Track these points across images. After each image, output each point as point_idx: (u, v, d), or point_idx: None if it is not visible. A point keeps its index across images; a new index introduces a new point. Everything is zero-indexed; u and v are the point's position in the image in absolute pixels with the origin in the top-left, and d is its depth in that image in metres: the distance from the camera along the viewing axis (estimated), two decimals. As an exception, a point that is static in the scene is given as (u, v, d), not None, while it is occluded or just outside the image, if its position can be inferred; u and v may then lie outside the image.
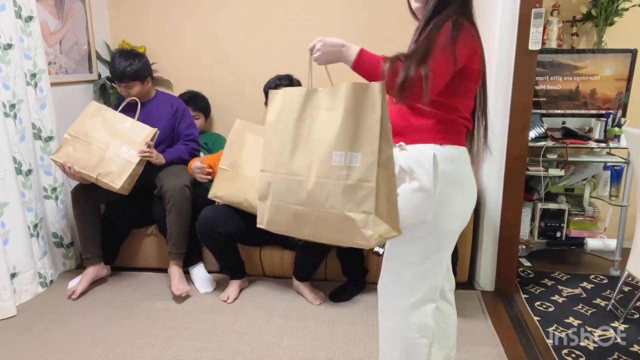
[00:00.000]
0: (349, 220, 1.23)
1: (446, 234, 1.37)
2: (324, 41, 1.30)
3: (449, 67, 1.24)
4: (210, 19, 3.09)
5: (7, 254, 2.30)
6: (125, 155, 2.35)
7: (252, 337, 2.08)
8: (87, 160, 2.33)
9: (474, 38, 1.30)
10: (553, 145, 2.63)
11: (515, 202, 2.41)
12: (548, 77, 2.73)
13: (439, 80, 1.23)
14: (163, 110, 2.63)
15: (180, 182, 2.42)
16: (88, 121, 2.41)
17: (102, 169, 2.32)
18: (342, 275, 2.46)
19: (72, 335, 2.09)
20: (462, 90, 1.34)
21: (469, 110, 1.39)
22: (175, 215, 2.39)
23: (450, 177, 1.33)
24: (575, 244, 2.88)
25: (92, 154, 2.34)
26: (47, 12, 2.65)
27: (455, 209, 1.36)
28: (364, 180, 1.21)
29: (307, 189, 1.29)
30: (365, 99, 1.23)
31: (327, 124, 1.28)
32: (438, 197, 1.31)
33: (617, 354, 1.95)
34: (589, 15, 2.74)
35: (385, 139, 1.24)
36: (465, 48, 1.26)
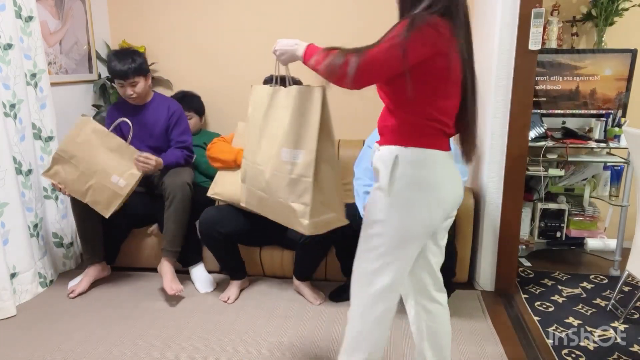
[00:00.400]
0: (292, 209, 1.43)
1: (404, 236, 1.36)
2: (281, 42, 1.40)
3: (392, 62, 1.23)
4: (210, 19, 3.09)
5: (7, 254, 2.30)
6: (113, 187, 2.31)
7: (252, 337, 2.08)
8: (76, 185, 2.30)
9: (440, 36, 1.24)
10: (553, 145, 2.63)
11: (515, 202, 2.41)
12: (548, 77, 2.73)
13: (375, 72, 1.25)
14: (160, 114, 2.58)
15: (181, 179, 2.42)
16: (77, 142, 2.30)
17: (90, 196, 2.31)
18: (342, 275, 2.46)
19: (72, 335, 2.09)
20: (428, 91, 1.29)
21: (446, 112, 1.34)
22: (174, 212, 2.38)
23: (411, 180, 1.32)
24: (575, 244, 2.88)
25: (81, 179, 2.30)
26: (47, 12, 2.65)
27: (416, 213, 1.34)
28: (304, 175, 1.40)
29: (265, 178, 1.51)
30: (309, 101, 1.38)
31: (281, 121, 1.44)
32: (395, 198, 1.33)
33: (617, 354, 1.95)
34: (589, 15, 2.74)
35: (327, 138, 1.41)
36: (422, 46, 1.22)
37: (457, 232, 2.40)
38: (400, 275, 1.41)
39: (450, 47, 1.27)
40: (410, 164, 1.32)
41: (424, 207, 1.34)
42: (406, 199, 1.33)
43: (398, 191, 1.33)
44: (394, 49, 1.22)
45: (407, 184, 1.32)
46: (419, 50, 1.23)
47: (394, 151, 1.34)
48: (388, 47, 1.22)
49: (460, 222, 2.41)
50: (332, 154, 1.44)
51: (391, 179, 1.33)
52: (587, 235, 2.83)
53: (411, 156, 1.33)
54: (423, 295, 1.54)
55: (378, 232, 1.37)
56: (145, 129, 2.54)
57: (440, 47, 1.25)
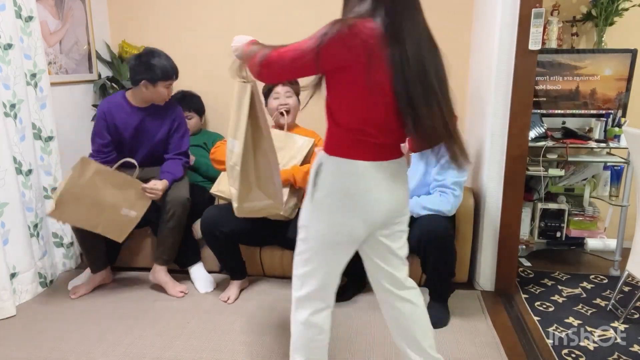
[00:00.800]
0: (233, 193, 1.62)
1: (324, 243, 1.38)
2: (236, 39, 1.45)
3: (302, 63, 1.24)
4: (211, 18, 3.09)
5: (7, 254, 2.30)
6: (124, 218, 2.31)
7: (252, 337, 2.08)
8: (85, 221, 2.26)
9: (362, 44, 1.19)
10: (553, 145, 2.63)
11: (515, 202, 2.41)
12: (548, 77, 2.73)
13: (279, 69, 1.29)
14: (162, 120, 2.47)
15: (183, 195, 2.41)
16: (80, 184, 2.21)
17: (102, 227, 2.28)
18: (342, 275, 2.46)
19: (72, 335, 2.09)
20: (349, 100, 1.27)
21: (371, 123, 1.29)
22: (174, 227, 2.39)
23: (331, 188, 1.33)
24: (575, 244, 2.88)
25: (90, 216, 2.25)
26: (47, 12, 2.65)
27: (335, 221, 1.35)
28: (236, 164, 1.54)
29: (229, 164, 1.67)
30: (243, 96, 1.51)
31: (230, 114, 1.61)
32: (316, 205, 1.36)
33: (617, 354, 1.95)
34: (589, 15, 2.74)
35: (258, 131, 1.57)
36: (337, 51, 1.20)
37: (457, 232, 2.40)
38: (324, 283, 1.44)
39: (372, 56, 1.21)
40: (330, 172, 1.33)
41: (342, 216, 1.34)
42: (326, 206, 1.35)
43: (319, 198, 1.35)
44: (307, 50, 1.22)
45: (328, 192, 1.34)
46: (334, 55, 1.21)
47: (321, 158, 1.36)
48: (300, 48, 1.23)
49: (460, 222, 2.42)
50: (267, 146, 1.60)
51: (314, 186, 1.36)
52: (587, 235, 2.83)
53: (332, 164, 1.33)
54: (389, 296, 1.56)
55: (303, 237, 1.42)
56: (145, 134, 2.47)
57: (358, 55, 1.20)
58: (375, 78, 1.23)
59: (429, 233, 2.07)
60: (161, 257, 2.44)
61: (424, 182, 2.24)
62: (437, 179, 2.20)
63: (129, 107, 2.43)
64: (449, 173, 2.18)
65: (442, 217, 2.15)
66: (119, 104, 2.44)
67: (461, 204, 2.26)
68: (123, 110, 2.42)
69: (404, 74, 1.22)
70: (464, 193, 2.24)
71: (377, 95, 1.25)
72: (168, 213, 2.38)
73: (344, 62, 1.22)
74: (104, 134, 2.42)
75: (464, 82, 2.94)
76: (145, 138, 2.47)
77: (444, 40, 3.09)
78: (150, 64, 2.30)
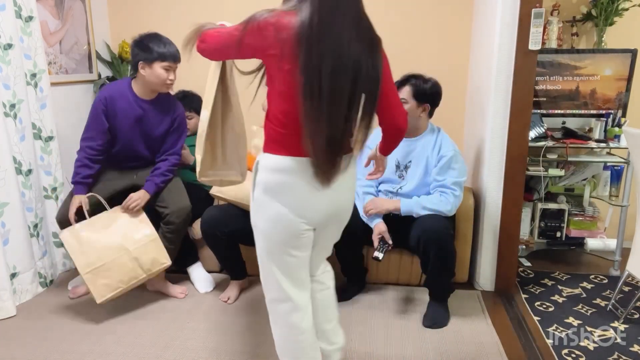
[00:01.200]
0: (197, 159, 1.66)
1: (268, 240, 1.42)
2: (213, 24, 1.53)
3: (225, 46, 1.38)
4: (211, 18, 3.08)
5: (7, 254, 2.30)
6: (145, 239, 2.26)
7: (252, 337, 2.08)
8: (125, 273, 2.20)
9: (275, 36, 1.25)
10: (553, 145, 2.63)
11: (515, 202, 2.41)
12: (548, 77, 2.73)
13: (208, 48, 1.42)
14: (164, 116, 2.39)
15: (184, 207, 2.37)
16: (85, 251, 2.17)
17: (143, 267, 2.23)
18: (342, 275, 2.46)
19: (72, 335, 2.09)
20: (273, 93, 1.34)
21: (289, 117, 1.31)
22: (172, 237, 2.37)
23: (265, 184, 1.38)
24: (575, 244, 2.88)
25: (122, 265, 2.19)
26: (47, 12, 2.65)
27: (271, 217, 1.38)
28: (202, 133, 1.63)
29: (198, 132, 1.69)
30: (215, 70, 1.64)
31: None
32: (255, 203, 1.41)
33: (617, 354, 1.96)
34: (589, 15, 2.74)
35: (227, 105, 1.71)
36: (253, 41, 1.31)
37: (457, 232, 2.40)
38: (281, 285, 1.45)
39: (284, 48, 1.25)
40: (263, 169, 1.38)
41: (280, 213, 1.37)
42: (264, 202, 1.39)
43: (258, 196, 1.40)
44: (230, 36, 1.34)
45: (263, 189, 1.38)
46: (250, 43, 1.31)
47: (259, 156, 1.41)
48: (229, 32, 1.36)
49: (460, 222, 2.42)
50: (234, 120, 1.74)
51: (253, 184, 1.41)
52: (587, 235, 2.83)
53: (265, 162, 1.38)
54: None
55: (255, 237, 1.47)
56: (145, 127, 2.36)
57: (270, 45, 1.27)
58: (287, 70, 1.27)
59: (429, 233, 2.07)
60: None
61: (424, 182, 2.24)
62: (437, 179, 2.20)
63: (133, 97, 2.32)
64: (449, 173, 2.18)
65: (442, 217, 2.15)
66: (122, 91, 2.33)
67: (461, 204, 2.26)
68: (126, 99, 2.31)
69: (310, 73, 1.24)
70: (464, 193, 2.24)
71: (289, 88, 1.28)
72: (168, 224, 2.35)
73: (261, 50, 1.30)
74: (102, 120, 2.29)
75: (464, 82, 2.94)
76: (143, 132, 2.37)
77: (444, 40, 3.09)
78: (146, 45, 2.24)
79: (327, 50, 1.24)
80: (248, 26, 1.30)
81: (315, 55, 1.23)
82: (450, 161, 2.18)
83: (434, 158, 2.22)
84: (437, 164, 2.20)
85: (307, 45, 1.23)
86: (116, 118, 2.31)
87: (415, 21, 2.90)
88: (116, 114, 2.30)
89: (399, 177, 2.31)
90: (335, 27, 1.24)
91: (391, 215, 2.23)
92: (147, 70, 2.25)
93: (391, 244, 2.19)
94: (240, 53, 1.35)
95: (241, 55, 1.38)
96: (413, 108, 2.20)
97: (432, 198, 2.18)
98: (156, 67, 2.24)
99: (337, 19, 1.25)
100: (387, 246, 2.18)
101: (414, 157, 2.27)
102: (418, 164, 2.26)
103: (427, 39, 2.90)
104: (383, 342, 2.04)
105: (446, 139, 2.25)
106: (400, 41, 2.93)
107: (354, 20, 1.28)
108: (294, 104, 1.29)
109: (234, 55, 1.42)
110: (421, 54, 2.89)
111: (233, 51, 1.37)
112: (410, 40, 2.91)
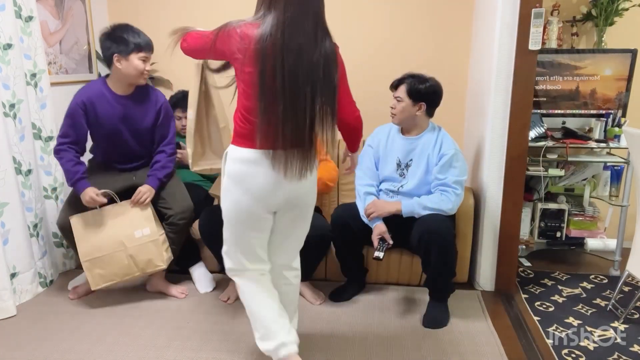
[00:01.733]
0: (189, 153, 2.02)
1: (231, 220, 1.66)
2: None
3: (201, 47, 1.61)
4: (211, 18, 3.08)
5: (7, 254, 2.30)
6: (144, 239, 2.25)
7: (251, 337, 2.07)
8: (120, 268, 2.24)
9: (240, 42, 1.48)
10: (553, 145, 2.63)
11: (515, 202, 2.41)
12: (548, 77, 2.73)
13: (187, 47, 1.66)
14: (147, 107, 2.34)
15: (188, 206, 2.38)
16: (87, 235, 2.24)
17: (138, 265, 2.26)
18: (342, 275, 2.46)
19: (72, 335, 2.09)
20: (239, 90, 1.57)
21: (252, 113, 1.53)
22: (174, 239, 2.38)
23: (229, 173, 1.61)
24: (575, 244, 2.88)
25: (119, 260, 2.24)
26: (47, 12, 2.65)
27: (234, 201, 1.62)
28: (190, 130, 1.98)
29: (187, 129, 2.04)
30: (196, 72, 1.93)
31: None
32: (224, 188, 1.64)
33: (617, 354, 1.96)
34: (589, 15, 2.74)
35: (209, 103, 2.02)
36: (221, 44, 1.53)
37: (457, 232, 2.40)
38: (240, 259, 1.71)
39: (245, 54, 1.48)
40: (229, 159, 1.61)
41: (238, 197, 1.61)
42: (227, 187, 1.63)
43: (224, 183, 1.64)
44: (206, 39, 1.57)
45: (228, 177, 1.61)
46: (219, 48, 1.55)
47: (228, 148, 1.64)
48: (206, 34, 1.59)
49: (460, 222, 2.42)
50: (217, 115, 2.04)
51: (223, 172, 1.65)
52: (587, 235, 2.83)
53: (231, 153, 1.61)
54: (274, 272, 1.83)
55: (223, 219, 1.69)
56: (130, 123, 2.30)
57: (235, 51, 1.50)
58: (248, 72, 1.50)
59: (431, 232, 2.07)
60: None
61: (425, 180, 2.24)
62: (439, 178, 2.20)
63: (112, 96, 2.26)
64: (450, 172, 2.19)
65: (444, 217, 2.15)
66: (100, 93, 2.26)
67: (461, 204, 2.26)
68: (105, 100, 2.25)
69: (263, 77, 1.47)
70: (464, 193, 2.24)
71: (250, 88, 1.51)
72: (172, 225, 2.35)
73: (229, 53, 1.53)
74: (82, 124, 2.24)
75: (464, 82, 2.94)
76: (130, 128, 2.31)
77: (444, 40, 3.10)
78: (120, 36, 2.17)
79: (280, 60, 1.45)
80: (219, 33, 1.53)
81: (269, 64, 1.46)
82: (452, 159, 2.19)
83: (435, 156, 2.22)
84: (438, 162, 2.20)
85: (262, 55, 1.46)
86: (99, 121, 2.26)
87: (415, 21, 2.90)
88: (97, 117, 2.26)
89: (400, 175, 2.31)
90: (291, 42, 1.45)
91: (392, 215, 2.23)
92: (123, 63, 2.19)
93: (391, 243, 2.19)
94: (213, 54, 1.61)
95: (214, 57, 1.65)
96: (408, 106, 2.20)
97: (432, 197, 2.18)
98: (133, 58, 2.18)
99: (294, 34, 1.45)
100: (386, 244, 2.18)
101: (415, 156, 2.27)
102: (419, 163, 2.26)
103: (427, 39, 2.90)
104: (383, 342, 2.03)
105: (447, 137, 2.25)
106: (401, 41, 2.93)
107: (311, 33, 1.48)
108: (254, 102, 1.51)
109: (208, 55, 1.67)
110: (421, 53, 2.89)
111: (207, 52, 1.61)
112: (411, 40, 2.91)
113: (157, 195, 2.37)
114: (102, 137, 2.33)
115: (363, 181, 2.34)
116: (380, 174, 2.37)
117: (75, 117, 2.23)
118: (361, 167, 2.36)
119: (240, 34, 1.48)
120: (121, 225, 2.27)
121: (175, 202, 2.37)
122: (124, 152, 2.38)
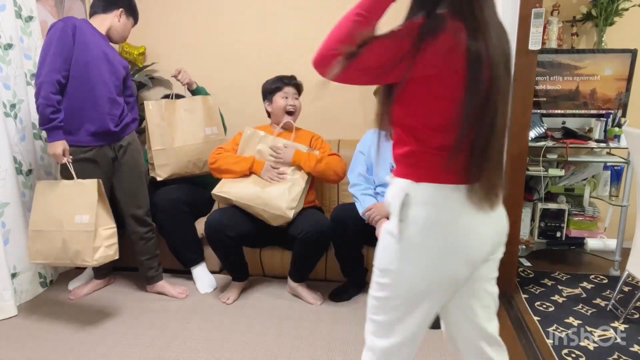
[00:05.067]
0: None
1: (413, 292, 1.11)
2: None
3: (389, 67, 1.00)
4: (211, 18, 3.09)
5: (8, 254, 2.30)
6: (80, 227, 2.02)
7: (251, 337, 2.08)
8: (54, 250, 2.06)
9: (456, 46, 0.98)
10: (553, 145, 2.63)
11: (515, 202, 2.41)
12: (548, 77, 2.73)
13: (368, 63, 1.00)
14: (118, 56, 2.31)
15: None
16: (42, 203, 2.11)
17: (68, 253, 2.04)
18: (342, 275, 2.46)
19: (72, 336, 2.09)
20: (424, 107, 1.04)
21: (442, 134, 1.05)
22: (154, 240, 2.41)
23: (423, 222, 1.06)
24: (575, 244, 2.88)
25: (54, 241, 2.05)
26: (47, 12, 2.65)
27: (431, 264, 1.08)
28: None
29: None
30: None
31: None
32: (406, 246, 1.08)
33: (617, 354, 1.95)
34: (589, 15, 2.74)
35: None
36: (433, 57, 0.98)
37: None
38: (413, 335, 1.16)
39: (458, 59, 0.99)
40: (422, 203, 1.07)
41: (438, 258, 1.08)
42: (416, 245, 1.08)
43: (411, 237, 1.08)
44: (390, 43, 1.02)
45: (421, 228, 1.07)
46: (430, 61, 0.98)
47: (404, 187, 1.09)
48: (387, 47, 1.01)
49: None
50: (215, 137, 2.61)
51: (401, 221, 1.08)
52: (587, 235, 2.83)
53: (423, 193, 1.07)
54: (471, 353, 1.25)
55: (387, 282, 1.14)
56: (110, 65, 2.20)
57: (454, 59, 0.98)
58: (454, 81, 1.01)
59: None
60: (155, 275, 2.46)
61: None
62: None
63: (94, 30, 2.17)
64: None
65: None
66: (86, 24, 2.14)
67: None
68: (91, 31, 2.14)
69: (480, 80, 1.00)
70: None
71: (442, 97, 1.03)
72: (144, 224, 2.38)
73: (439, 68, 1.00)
74: (70, 46, 2.04)
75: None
76: (111, 70, 2.19)
77: (444, 40, 2.99)
78: (132, 1, 2.36)
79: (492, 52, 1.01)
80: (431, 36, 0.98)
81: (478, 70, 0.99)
82: None
83: None
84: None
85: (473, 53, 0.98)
86: (88, 50, 2.08)
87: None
88: (87, 45, 2.08)
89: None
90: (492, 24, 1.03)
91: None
92: (122, 21, 2.30)
93: None
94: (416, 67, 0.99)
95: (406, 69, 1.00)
96: None
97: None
98: (130, 24, 2.36)
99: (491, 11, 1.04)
100: None
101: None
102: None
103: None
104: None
105: None
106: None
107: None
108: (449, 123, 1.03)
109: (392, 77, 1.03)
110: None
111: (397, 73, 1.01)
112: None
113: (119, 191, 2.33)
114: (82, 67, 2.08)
115: (359, 187, 2.33)
116: (375, 180, 2.36)
117: (64, 35, 2.03)
118: (354, 173, 2.36)
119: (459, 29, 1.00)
120: (67, 204, 2.08)
121: (144, 198, 2.39)
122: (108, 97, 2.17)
